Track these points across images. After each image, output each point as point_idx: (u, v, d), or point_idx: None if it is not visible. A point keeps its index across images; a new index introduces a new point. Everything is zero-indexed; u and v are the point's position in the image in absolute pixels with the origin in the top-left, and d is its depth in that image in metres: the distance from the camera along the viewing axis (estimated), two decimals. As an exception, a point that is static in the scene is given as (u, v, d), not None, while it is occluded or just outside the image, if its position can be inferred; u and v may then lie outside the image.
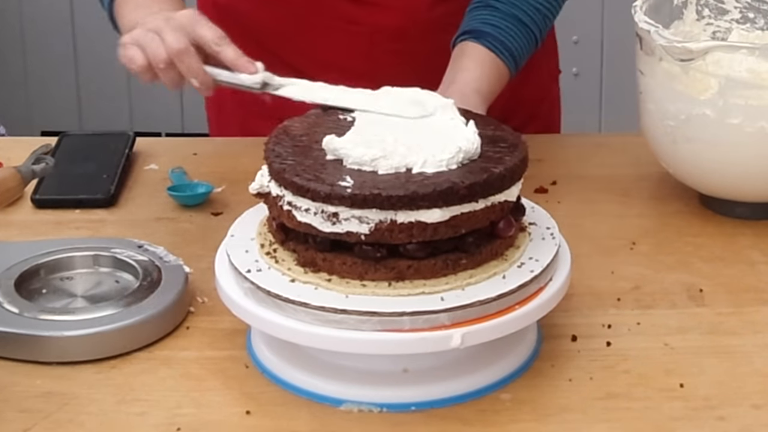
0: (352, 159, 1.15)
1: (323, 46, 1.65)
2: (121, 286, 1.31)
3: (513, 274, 1.16)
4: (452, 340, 1.11)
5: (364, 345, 1.12)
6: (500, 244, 1.18)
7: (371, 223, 1.12)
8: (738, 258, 1.40)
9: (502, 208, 1.16)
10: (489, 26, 1.50)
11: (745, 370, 1.20)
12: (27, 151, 1.38)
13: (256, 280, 1.16)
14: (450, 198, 1.12)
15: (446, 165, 1.14)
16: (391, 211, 1.11)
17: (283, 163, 1.16)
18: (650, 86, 1.47)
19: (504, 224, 1.17)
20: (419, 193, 1.11)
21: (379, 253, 1.13)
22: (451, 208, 1.12)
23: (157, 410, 1.15)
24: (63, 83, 3.69)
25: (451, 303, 1.12)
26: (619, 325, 1.27)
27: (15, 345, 1.21)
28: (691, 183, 1.49)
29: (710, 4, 1.57)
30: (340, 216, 1.12)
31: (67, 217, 1.50)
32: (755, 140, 1.40)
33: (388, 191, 1.11)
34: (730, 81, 1.39)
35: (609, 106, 3.55)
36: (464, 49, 1.50)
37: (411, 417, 1.14)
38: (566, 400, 1.16)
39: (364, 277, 1.14)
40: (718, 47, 1.40)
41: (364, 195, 1.11)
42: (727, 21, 1.57)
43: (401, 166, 1.14)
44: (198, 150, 1.66)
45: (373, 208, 1.11)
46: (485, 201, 1.14)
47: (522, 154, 1.18)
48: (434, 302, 1.12)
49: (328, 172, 1.14)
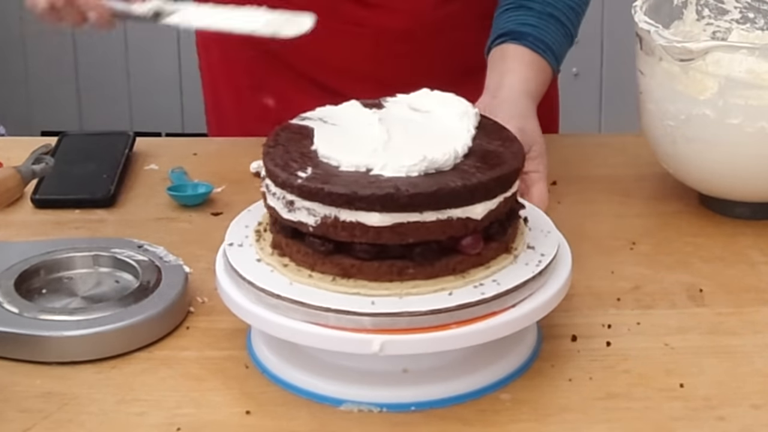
0: (320, 151, 1.16)
1: (329, 48, 1.64)
2: (121, 286, 1.31)
3: (462, 293, 1.12)
4: (372, 345, 1.11)
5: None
6: (462, 261, 1.14)
7: (317, 216, 1.13)
8: (738, 258, 1.40)
9: (464, 225, 1.13)
10: (527, 26, 1.48)
11: (745, 370, 1.20)
12: (27, 151, 1.38)
13: (229, 253, 1.19)
14: (389, 204, 1.10)
15: (406, 171, 1.13)
16: (334, 208, 1.12)
17: (270, 148, 1.19)
18: (650, 86, 1.47)
19: (470, 241, 1.14)
20: (358, 194, 1.11)
21: (324, 246, 1.14)
22: (393, 215, 1.11)
23: (157, 410, 1.15)
24: (63, 83, 3.69)
25: (379, 308, 1.11)
26: (619, 325, 1.27)
27: (15, 345, 1.21)
28: (691, 183, 1.49)
29: (710, 4, 1.57)
30: (295, 205, 1.14)
31: (67, 217, 1.50)
32: (755, 140, 1.40)
33: (331, 188, 1.11)
34: (730, 81, 1.39)
35: (609, 106, 3.55)
36: (505, 52, 1.47)
37: (411, 417, 1.14)
38: (566, 400, 1.16)
39: (314, 268, 1.15)
40: (718, 47, 1.40)
41: (309, 187, 1.12)
42: (727, 21, 1.57)
43: (362, 166, 1.14)
44: (198, 150, 1.66)
45: (317, 201, 1.12)
46: (438, 214, 1.12)
47: (498, 174, 1.14)
48: (363, 304, 1.11)
49: (299, 161, 1.16)
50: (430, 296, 1.12)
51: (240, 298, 1.16)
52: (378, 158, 1.14)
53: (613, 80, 3.50)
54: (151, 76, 3.65)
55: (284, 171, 1.14)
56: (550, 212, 1.28)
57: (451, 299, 1.12)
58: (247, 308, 1.15)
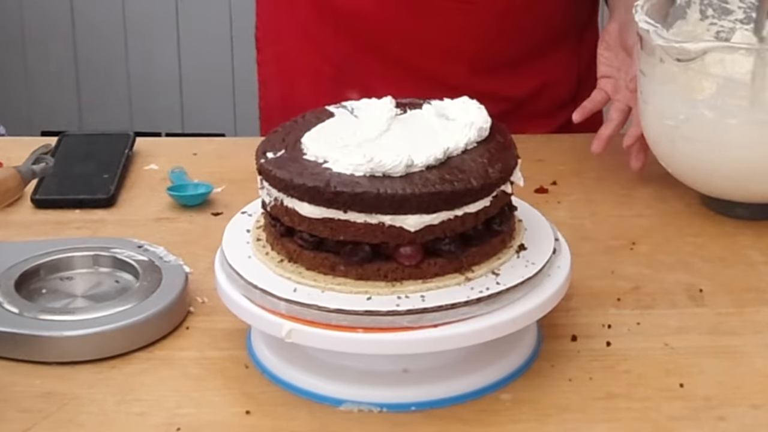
0: (303, 138, 1.19)
1: (428, 28, 1.63)
2: (121, 286, 1.31)
3: (381, 301, 1.12)
4: (282, 329, 1.13)
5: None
6: (396, 269, 1.13)
7: (271, 197, 1.17)
8: (738, 258, 1.40)
9: (398, 234, 1.12)
10: None
11: (745, 370, 1.20)
12: (27, 151, 1.38)
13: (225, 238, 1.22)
14: (316, 197, 1.12)
15: (353, 170, 1.13)
16: (277, 191, 1.15)
17: (280, 127, 1.23)
18: (650, 86, 1.46)
19: (408, 252, 1.13)
20: (292, 182, 1.13)
21: (273, 227, 1.18)
22: (322, 209, 1.12)
23: (157, 410, 1.15)
24: (63, 83, 3.69)
25: (296, 297, 1.13)
26: (619, 325, 1.27)
27: (15, 345, 1.21)
28: (692, 183, 1.49)
29: (714, 4, 1.56)
30: (263, 183, 1.18)
31: (67, 217, 1.50)
32: (753, 141, 1.40)
33: (277, 172, 1.14)
34: (728, 82, 1.39)
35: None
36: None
37: (411, 417, 1.14)
38: (566, 400, 1.16)
39: (273, 247, 1.19)
40: (716, 48, 1.40)
41: (265, 168, 1.16)
42: (731, 21, 1.56)
43: (321, 157, 1.15)
44: (198, 150, 1.66)
45: (269, 183, 1.16)
46: (366, 216, 1.11)
47: (439, 190, 1.11)
48: (286, 290, 1.13)
49: (282, 143, 1.20)
50: (347, 296, 1.13)
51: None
52: (338, 153, 1.15)
53: (613, 80, 3.49)
54: (151, 76, 3.65)
55: (262, 150, 1.18)
56: (550, 212, 1.28)
57: (365, 304, 1.12)
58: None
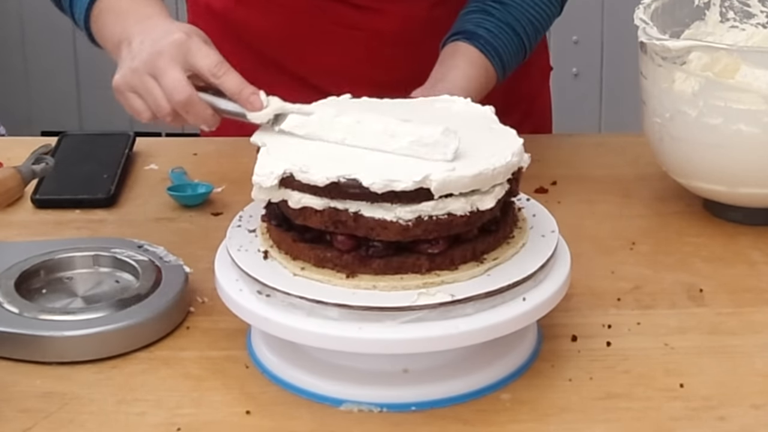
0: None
1: (323, 51, 1.65)
2: (121, 286, 1.31)
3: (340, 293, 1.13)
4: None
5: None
6: (336, 257, 1.15)
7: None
8: (738, 258, 1.40)
9: (333, 223, 1.13)
10: (482, 29, 1.51)
11: (745, 370, 1.20)
12: (27, 151, 1.38)
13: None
14: (287, 180, 1.14)
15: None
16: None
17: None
18: (646, 86, 1.46)
19: (341, 239, 1.14)
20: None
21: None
22: (287, 191, 1.15)
23: (157, 410, 1.15)
24: (63, 83, 3.69)
25: (259, 275, 1.15)
26: (619, 325, 1.27)
27: (15, 345, 1.22)
28: (685, 183, 1.48)
29: (735, 7, 1.55)
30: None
31: (67, 217, 1.50)
32: (734, 142, 1.39)
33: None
34: (710, 81, 1.38)
35: (609, 106, 3.55)
36: (456, 49, 1.50)
37: (411, 417, 1.14)
38: (566, 400, 1.16)
39: (270, 235, 1.21)
40: (698, 47, 1.39)
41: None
42: (753, 25, 1.54)
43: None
44: (198, 150, 1.66)
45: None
46: (322, 201, 1.13)
47: None
48: (260, 270, 1.16)
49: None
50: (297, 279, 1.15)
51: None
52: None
53: (613, 80, 3.50)
54: (151, 76, 3.65)
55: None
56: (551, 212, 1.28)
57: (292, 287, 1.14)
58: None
